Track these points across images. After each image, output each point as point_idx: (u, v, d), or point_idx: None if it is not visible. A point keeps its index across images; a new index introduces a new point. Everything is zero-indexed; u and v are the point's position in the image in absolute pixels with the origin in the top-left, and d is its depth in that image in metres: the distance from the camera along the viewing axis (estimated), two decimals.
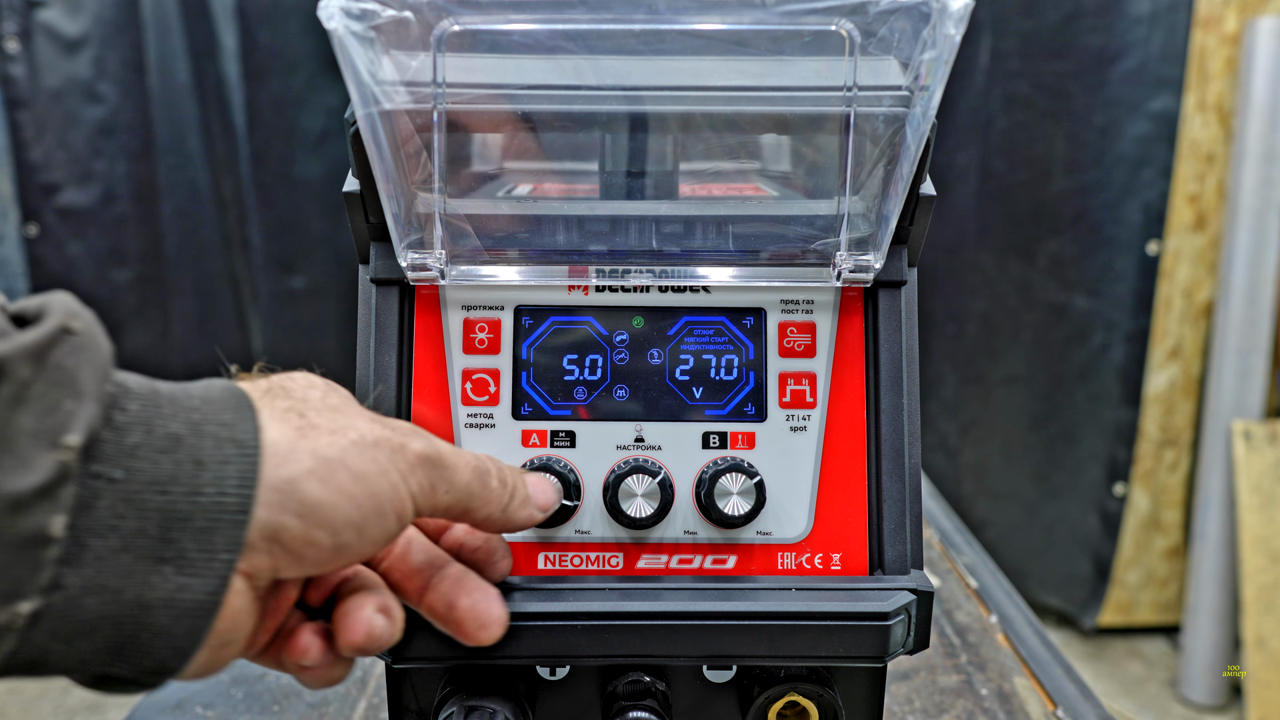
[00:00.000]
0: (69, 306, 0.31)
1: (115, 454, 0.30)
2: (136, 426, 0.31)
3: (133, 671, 0.31)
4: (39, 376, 0.29)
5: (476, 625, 0.40)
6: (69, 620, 0.29)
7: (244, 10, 2.12)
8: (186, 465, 0.31)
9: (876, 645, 0.45)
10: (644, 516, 0.47)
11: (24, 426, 0.28)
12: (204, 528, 0.31)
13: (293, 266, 2.26)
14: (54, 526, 0.28)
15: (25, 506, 0.28)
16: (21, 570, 0.28)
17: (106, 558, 0.29)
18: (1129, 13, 2.04)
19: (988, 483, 2.36)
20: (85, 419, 0.29)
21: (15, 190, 2.19)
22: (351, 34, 0.40)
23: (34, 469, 0.28)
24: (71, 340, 0.30)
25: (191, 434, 0.31)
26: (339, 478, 0.34)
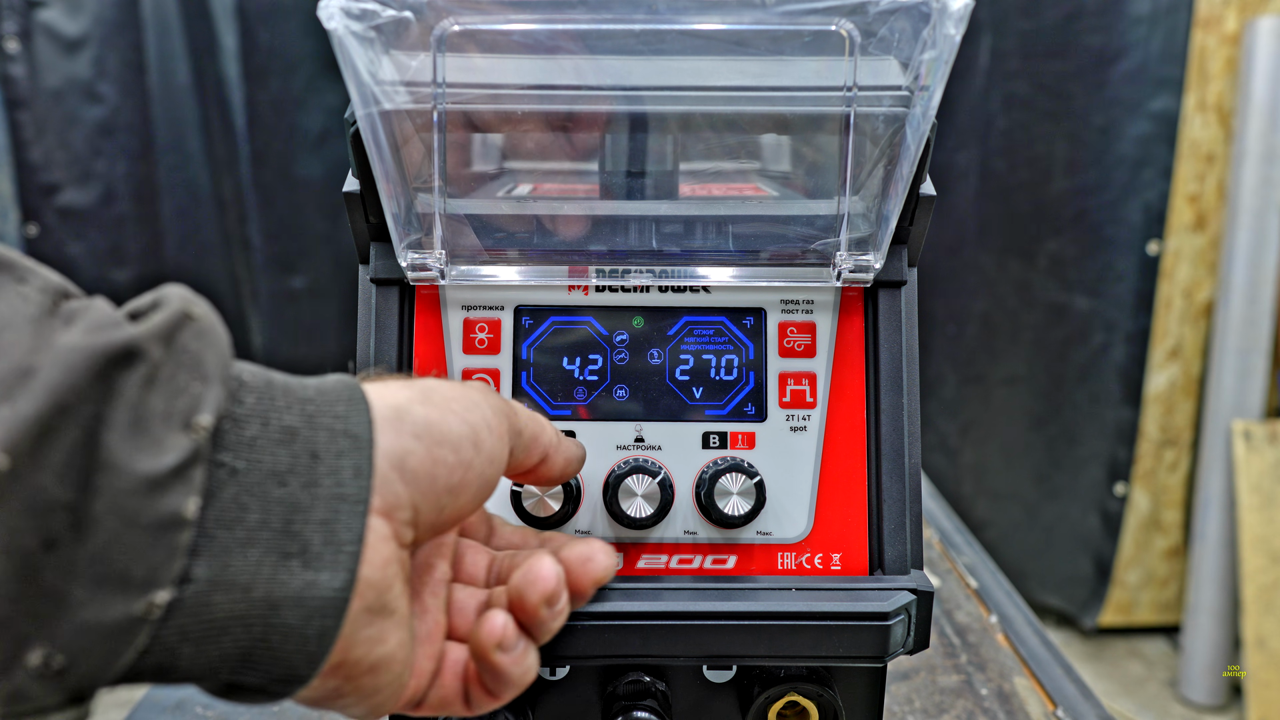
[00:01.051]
0: (186, 295, 0.31)
1: (236, 444, 0.30)
2: (253, 419, 0.31)
3: (262, 679, 0.31)
4: (167, 359, 0.29)
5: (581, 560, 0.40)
6: (199, 619, 0.29)
7: (244, 10, 2.12)
8: (303, 458, 0.31)
9: (876, 645, 0.45)
10: (644, 516, 0.47)
11: (156, 408, 0.28)
12: (325, 519, 0.31)
13: (293, 266, 2.26)
14: (188, 508, 0.28)
15: (161, 487, 0.27)
16: (159, 555, 0.28)
17: (233, 549, 0.29)
18: (1129, 13, 2.04)
19: (988, 483, 2.36)
20: (214, 401, 0.29)
21: (15, 190, 2.19)
22: (351, 34, 0.40)
23: (168, 450, 0.28)
24: (194, 325, 0.30)
25: (306, 426, 0.31)
26: (436, 398, 0.36)
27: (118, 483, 0.27)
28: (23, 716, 0.27)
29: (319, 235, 2.25)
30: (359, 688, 0.34)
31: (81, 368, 0.27)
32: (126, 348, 0.28)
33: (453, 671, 0.38)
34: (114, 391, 0.27)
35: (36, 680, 0.27)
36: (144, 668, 0.29)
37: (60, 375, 0.26)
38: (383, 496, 0.32)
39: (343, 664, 0.32)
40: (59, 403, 0.26)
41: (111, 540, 0.27)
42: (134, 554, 0.27)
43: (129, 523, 0.27)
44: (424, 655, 0.37)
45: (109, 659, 0.28)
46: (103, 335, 0.28)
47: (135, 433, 0.28)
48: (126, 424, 0.27)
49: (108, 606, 0.27)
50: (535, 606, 0.37)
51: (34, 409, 0.26)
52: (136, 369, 0.28)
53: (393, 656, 0.34)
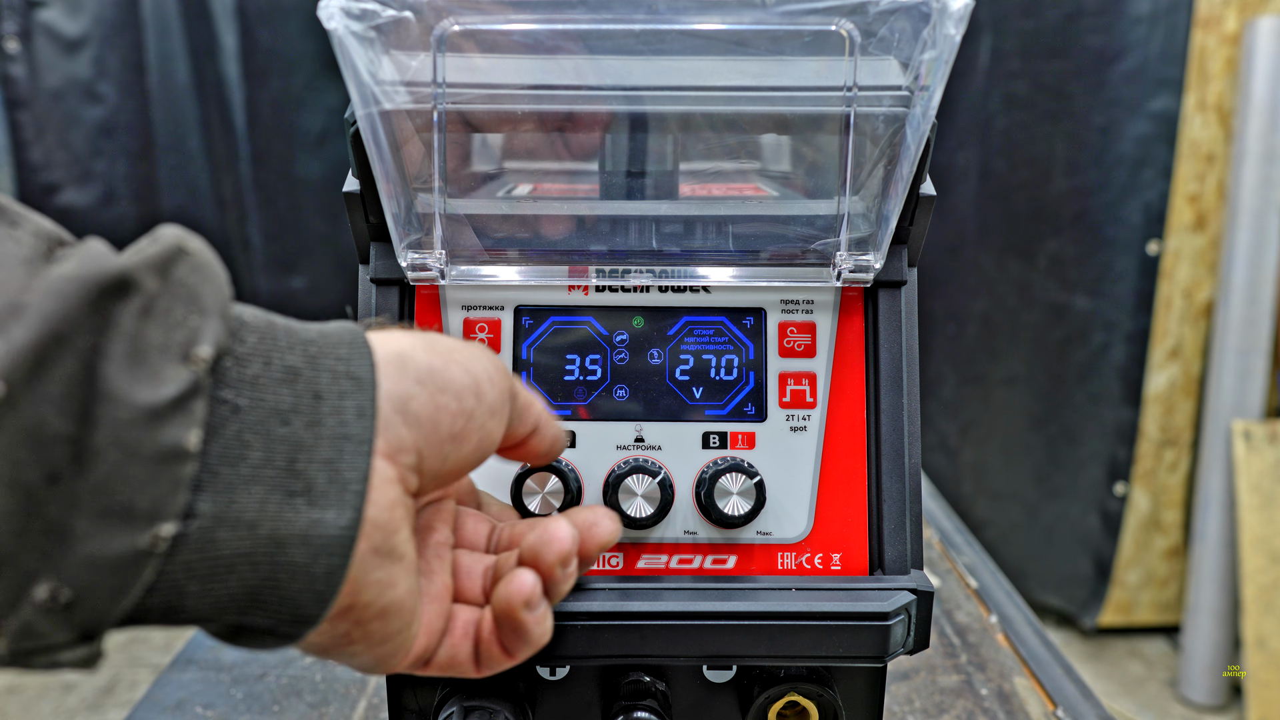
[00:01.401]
0: (180, 231, 0.31)
1: (238, 381, 0.30)
2: (255, 358, 0.30)
3: (271, 620, 0.31)
4: (163, 291, 0.29)
5: (587, 525, 0.40)
6: (205, 556, 0.28)
7: (244, 10, 2.12)
8: (305, 397, 0.31)
9: (876, 645, 0.45)
10: (644, 516, 0.47)
11: (153, 340, 0.28)
12: (329, 458, 0.31)
13: (293, 266, 2.26)
14: (190, 440, 0.28)
15: (161, 418, 0.27)
16: (162, 487, 0.27)
17: (237, 486, 0.29)
18: (1129, 13, 2.04)
19: (988, 483, 2.36)
20: (213, 334, 0.29)
21: (15, 190, 2.19)
22: (351, 34, 0.40)
23: (167, 381, 0.28)
24: (189, 259, 0.30)
25: (309, 367, 0.31)
26: (439, 347, 0.36)
27: (117, 413, 0.27)
28: (33, 654, 0.27)
29: (319, 235, 2.25)
30: (368, 634, 0.34)
31: (75, 296, 0.27)
32: (120, 277, 0.28)
33: (463, 631, 0.38)
34: (110, 322, 0.27)
35: (44, 615, 0.27)
36: (151, 606, 0.29)
37: (54, 304, 0.26)
38: (386, 439, 0.33)
39: (352, 607, 0.32)
40: (54, 331, 0.26)
41: (113, 472, 0.27)
42: (137, 486, 0.27)
43: (130, 454, 0.27)
44: (433, 614, 0.38)
45: (116, 594, 0.27)
46: (95, 264, 0.28)
47: (133, 364, 0.27)
48: (124, 355, 0.27)
49: (112, 539, 0.27)
50: (551, 566, 0.37)
51: (28, 338, 0.25)
52: (132, 299, 0.28)
53: (401, 603, 0.34)
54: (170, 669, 0.77)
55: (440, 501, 0.41)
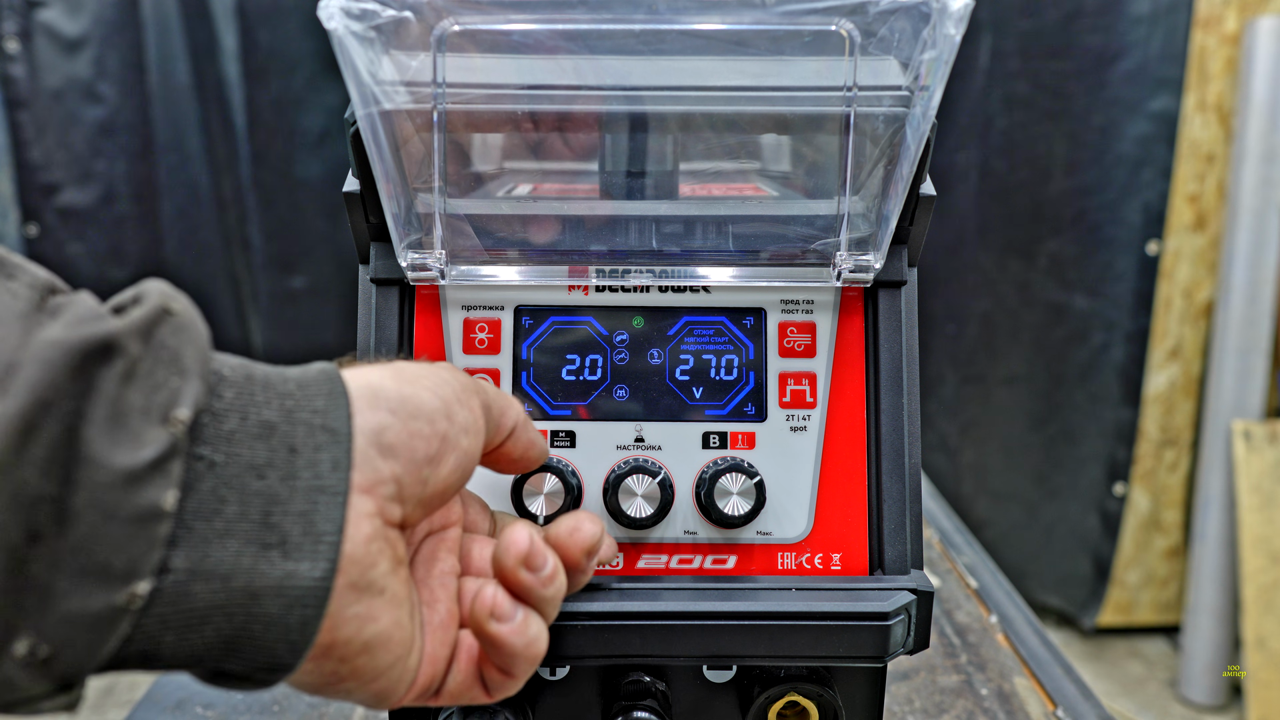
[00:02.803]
0: (165, 290, 0.32)
1: (214, 438, 0.30)
2: (232, 413, 0.31)
3: (246, 668, 0.31)
4: (146, 354, 0.30)
5: (568, 531, 0.40)
6: (180, 609, 0.29)
7: (244, 10, 2.12)
8: (281, 452, 0.31)
9: (876, 645, 0.45)
10: (644, 516, 0.47)
11: (134, 403, 0.29)
12: (304, 510, 0.31)
13: (293, 266, 2.26)
14: (166, 500, 0.28)
15: (139, 481, 0.28)
16: (138, 547, 0.28)
17: (212, 540, 0.30)
18: (1129, 13, 2.04)
19: (988, 483, 2.36)
20: (192, 396, 0.30)
21: (15, 190, 2.19)
22: (351, 34, 0.40)
23: (146, 444, 0.28)
24: (172, 320, 0.31)
25: (285, 421, 0.32)
26: (407, 375, 0.36)
27: (97, 476, 0.27)
28: (13, 706, 0.28)
29: (319, 235, 2.25)
30: (356, 670, 0.34)
31: (60, 364, 0.27)
32: (105, 342, 0.28)
33: (468, 657, 0.39)
34: (93, 387, 0.28)
35: (23, 669, 0.27)
36: (128, 655, 0.29)
37: (40, 372, 0.27)
38: (363, 473, 0.33)
39: (332, 645, 0.33)
40: (40, 399, 0.27)
41: (92, 532, 0.27)
42: (114, 546, 0.28)
43: (109, 515, 0.28)
44: (437, 643, 0.38)
45: (93, 648, 0.28)
46: (81, 330, 0.28)
47: (114, 427, 0.28)
48: (105, 419, 0.28)
49: (91, 597, 0.28)
50: (513, 570, 0.37)
51: (17, 406, 0.26)
52: (115, 364, 0.29)
53: (388, 636, 0.34)
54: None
55: (444, 531, 0.41)
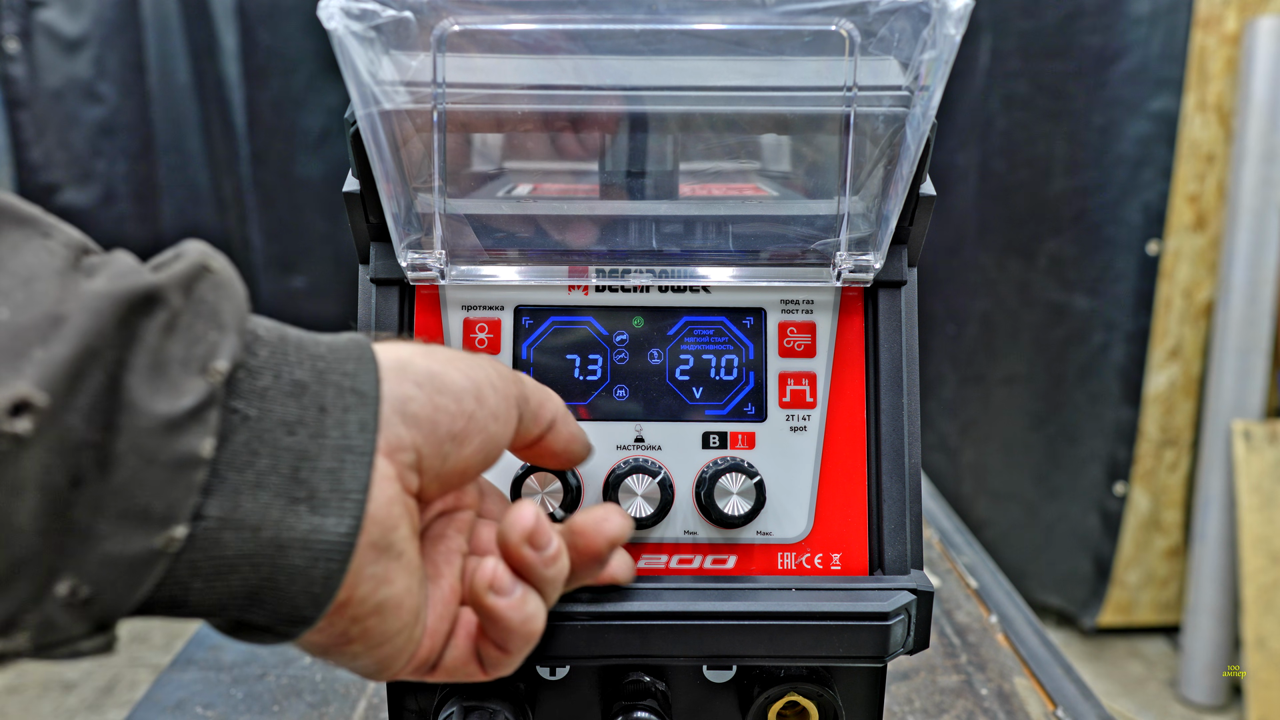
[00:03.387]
0: (204, 249, 0.33)
1: (249, 393, 0.31)
2: (266, 371, 0.32)
3: (268, 618, 0.32)
4: (186, 307, 0.31)
5: (596, 521, 0.40)
6: (210, 555, 0.30)
7: (244, 10, 2.12)
8: (311, 410, 0.32)
9: (876, 645, 0.45)
10: (644, 516, 0.47)
11: (175, 354, 0.30)
12: (332, 468, 0.32)
13: (293, 266, 2.26)
14: (204, 448, 0.29)
15: (178, 428, 0.29)
16: (177, 492, 0.29)
17: (243, 490, 0.30)
18: (1129, 13, 2.04)
19: (988, 483, 2.36)
20: (229, 349, 0.31)
21: (15, 190, 2.19)
22: (351, 34, 0.40)
23: (185, 393, 0.29)
24: (212, 277, 0.32)
25: (316, 381, 0.33)
26: (439, 355, 0.37)
27: (139, 422, 0.28)
28: (53, 646, 0.29)
29: (319, 235, 2.25)
30: (366, 631, 0.34)
31: (108, 313, 0.28)
32: (148, 293, 0.29)
33: (466, 633, 0.39)
34: (136, 336, 0.29)
35: (64, 610, 0.28)
36: (158, 599, 0.30)
37: (88, 320, 0.28)
38: (385, 438, 0.34)
39: (348, 602, 0.33)
40: (88, 346, 0.27)
41: (133, 477, 0.28)
42: (154, 491, 0.29)
43: (149, 460, 0.28)
44: (439, 617, 0.38)
45: (130, 590, 0.29)
46: (126, 281, 0.29)
47: (155, 376, 0.29)
48: (147, 367, 0.29)
49: (130, 540, 0.28)
50: (516, 546, 0.37)
51: (67, 352, 0.27)
52: (157, 315, 0.30)
53: (399, 602, 0.35)
54: (170, 669, 0.77)
55: (456, 512, 0.41)
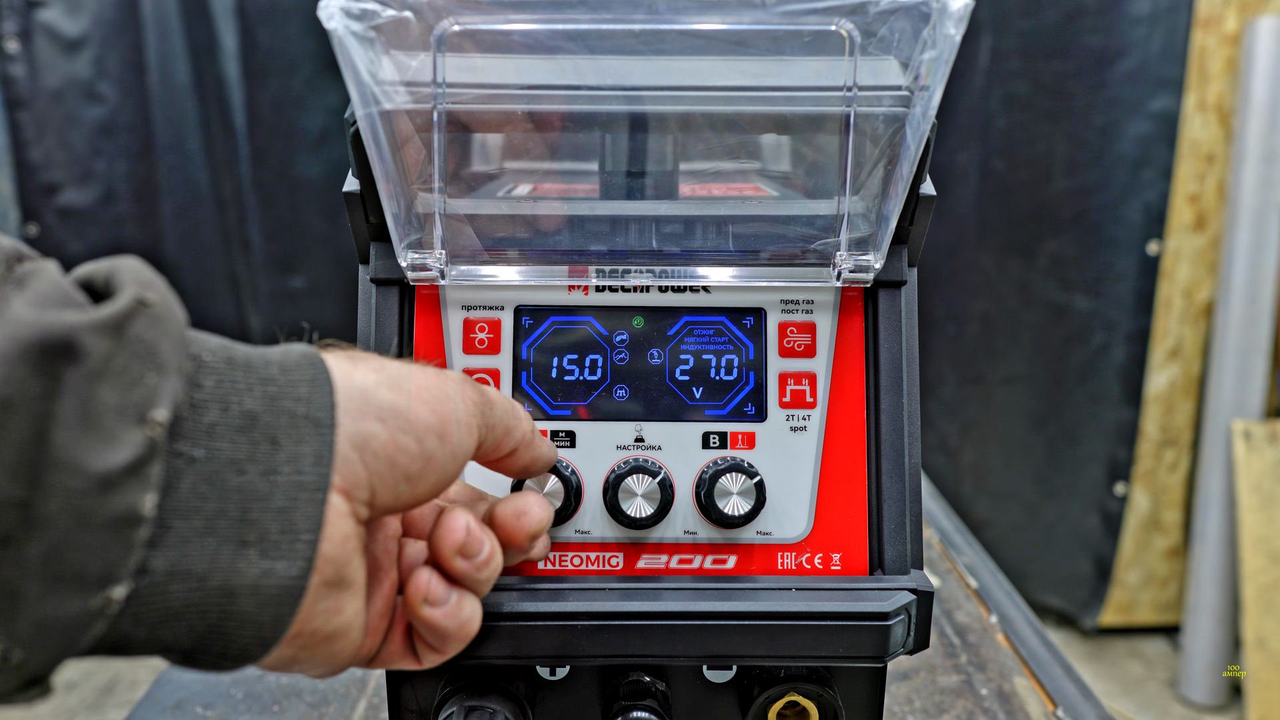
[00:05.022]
0: (140, 275, 0.30)
1: (194, 432, 0.29)
2: (213, 404, 0.30)
3: (215, 658, 0.31)
4: (119, 350, 0.28)
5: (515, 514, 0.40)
6: (154, 607, 0.28)
7: (244, 10, 2.12)
8: (263, 445, 0.30)
9: (876, 645, 0.45)
10: (644, 516, 0.47)
11: (108, 402, 0.27)
12: (283, 507, 0.30)
13: (293, 266, 2.26)
14: (145, 505, 0.27)
15: (115, 485, 0.27)
16: (115, 552, 0.27)
17: (190, 539, 0.29)
18: (1129, 13, 2.04)
19: (988, 483, 2.36)
20: (170, 393, 0.28)
21: (15, 190, 2.19)
22: (351, 34, 0.40)
23: (122, 445, 0.27)
24: (148, 312, 0.29)
25: (267, 410, 0.31)
26: (405, 385, 0.35)
27: (69, 481, 0.26)
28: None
29: (319, 235, 2.25)
30: (315, 655, 0.34)
31: (17, 359, 0.26)
32: (63, 340, 0.27)
33: (401, 628, 0.39)
34: (59, 386, 0.26)
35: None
36: (99, 647, 0.29)
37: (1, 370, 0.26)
38: (343, 475, 0.32)
39: (300, 634, 0.33)
40: (1, 398, 0.25)
41: (65, 538, 0.26)
42: (89, 552, 0.27)
43: (83, 522, 0.26)
44: (378, 615, 0.38)
45: (64, 650, 0.28)
46: (43, 321, 0.27)
47: (85, 427, 0.27)
48: (75, 418, 0.26)
49: (64, 603, 0.27)
50: (449, 558, 0.37)
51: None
52: (82, 363, 0.27)
53: (350, 625, 0.35)
54: (170, 669, 0.77)
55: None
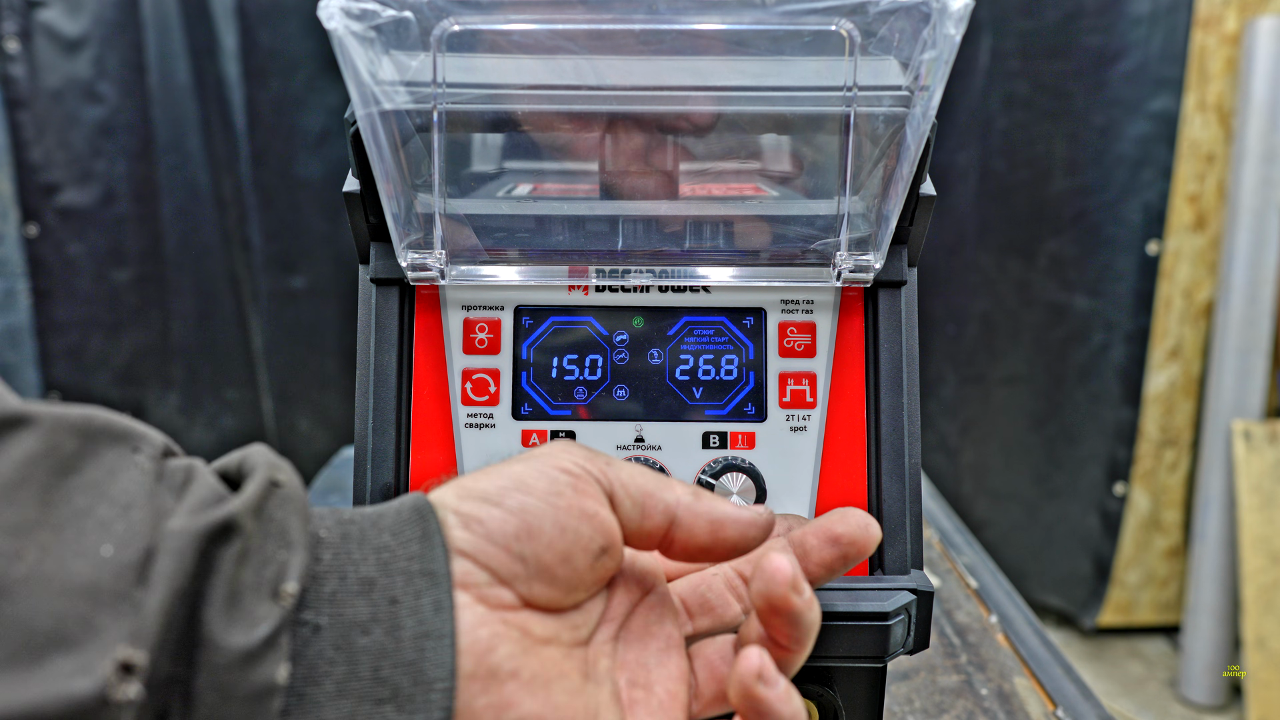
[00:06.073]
0: (270, 459, 0.33)
1: (316, 601, 0.31)
2: (331, 575, 0.31)
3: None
4: (257, 530, 0.30)
5: (861, 526, 0.38)
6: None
7: (244, 10, 2.12)
8: (383, 605, 0.31)
9: (876, 645, 0.45)
10: None
11: (248, 581, 0.29)
12: (412, 660, 0.31)
13: (293, 266, 2.26)
14: (280, 675, 0.29)
15: (254, 659, 0.28)
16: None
17: (324, 704, 0.30)
18: (1129, 13, 2.04)
19: (988, 483, 2.36)
20: (298, 567, 0.30)
21: (15, 190, 2.19)
22: (351, 34, 0.40)
23: (259, 620, 0.29)
24: (280, 492, 0.32)
25: (383, 574, 0.32)
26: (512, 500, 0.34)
27: (216, 659, 0.28)
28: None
29: (319, 235, 2.25)
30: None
31: (189, 553, 0.28)
32: (226, 524, 0.29)
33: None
34: (213, 569, 0.29)
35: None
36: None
37: (174, 564, 0.28)
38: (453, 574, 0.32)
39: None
40: (176, 590, 0.28)
41: (212, 713, 0.28)
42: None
43: (226, 696, 0.28)
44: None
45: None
46: (207, 516, 0.29)
47: (230, 606, 0.29)
48: (223, 599, 0.29)
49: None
50: (784, 598, 0.34)
51: (158, 601, 0.27)
52: (233, 544, 0.29)
53: (540, 716, 0.32)
54: None
55: (650, 595, 0.38)
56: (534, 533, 0.33)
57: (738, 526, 0.37)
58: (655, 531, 0.36)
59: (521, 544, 0.33)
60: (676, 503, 0.36)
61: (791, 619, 0.34)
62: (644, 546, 0.37)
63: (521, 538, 0.33)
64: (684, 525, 0.36)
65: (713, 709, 0.37)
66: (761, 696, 0.33)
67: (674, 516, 0.36)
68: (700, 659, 0.38)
